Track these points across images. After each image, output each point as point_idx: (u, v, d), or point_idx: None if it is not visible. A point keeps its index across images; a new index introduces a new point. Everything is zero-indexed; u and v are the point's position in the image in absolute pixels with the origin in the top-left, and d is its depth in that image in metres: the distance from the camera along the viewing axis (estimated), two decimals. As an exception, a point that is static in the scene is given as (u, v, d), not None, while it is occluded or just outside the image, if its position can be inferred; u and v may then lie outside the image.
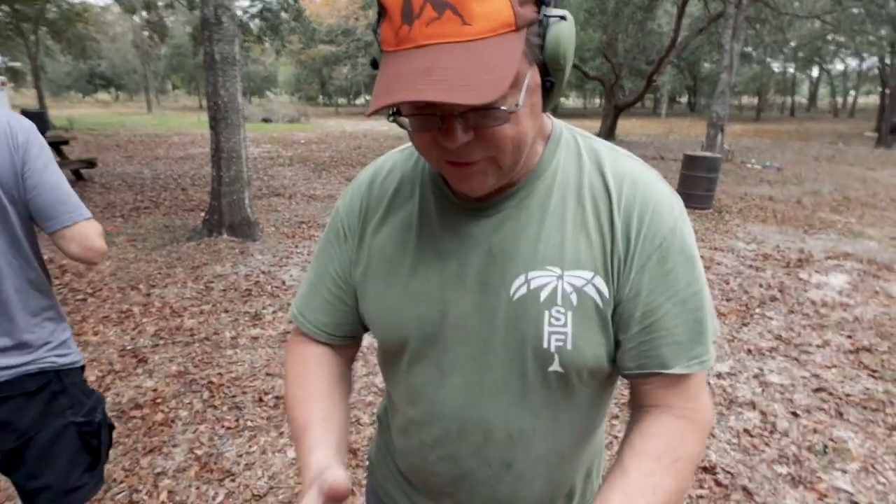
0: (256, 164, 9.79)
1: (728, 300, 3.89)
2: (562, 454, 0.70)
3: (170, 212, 6.17)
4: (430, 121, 0.51)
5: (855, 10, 10.89)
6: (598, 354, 0.62)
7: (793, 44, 21.63)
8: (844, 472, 2.16)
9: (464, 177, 0.56)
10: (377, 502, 0.90)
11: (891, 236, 5.84)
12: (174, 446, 2.17)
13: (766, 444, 2.30)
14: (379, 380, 2.69)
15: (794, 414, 2.53)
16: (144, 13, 19.61)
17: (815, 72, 36.50)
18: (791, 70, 33.63)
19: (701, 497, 2.00)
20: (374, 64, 0.53)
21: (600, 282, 0.60)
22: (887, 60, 17.03)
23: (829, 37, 19.84)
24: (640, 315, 0.60)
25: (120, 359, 2.83)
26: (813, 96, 43.67)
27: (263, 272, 4.18)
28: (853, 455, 2.26)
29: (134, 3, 16.57)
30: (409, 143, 0.73)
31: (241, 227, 5.04)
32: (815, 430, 2.41)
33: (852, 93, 38.39)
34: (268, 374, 2.70)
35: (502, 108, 0.49)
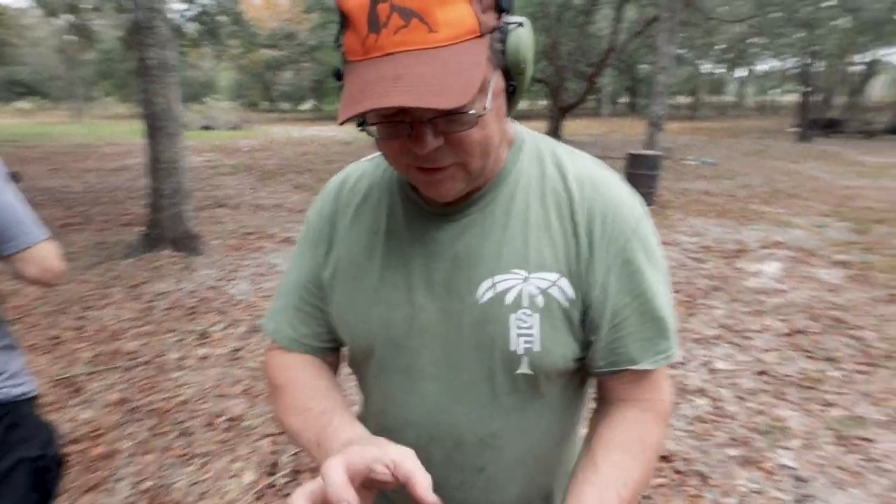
0: (198, 173, 9.39)
1: (676, 292, 4.04)
2: (536, 456, 0.71)
3: (104, 227, 5.82)
4: (399, 128, 0.52)
5: (774, 15, 11.66)
6: (565, 355, 0.63)
7: (720, 46, 22.91)
8: (788, 449, 2.29)
9: (434, 182, 0.56)
10: None
11: (815, 224, 6.26)
12: (117, 481, 2.03)
13: (717, 429, 2.40)
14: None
15: (741, 397, 2.65)
16: (69, 16, 18.48)
17: (741, 72, 38.82)
18: (720, 71, 35.60)
19: (661, 486, 2.05)
20: (338, 75, 0.54)
21: (565, 283, 0.62)
22: (806, 60, 18.35)
23: (753, 39, 21.15)
24: (610, 315, 0.62)
25: (52, 389, 2.63)
26: (740, 95, 46.42)
27: (210, 287, 4.00)
28: (794, 432, 2.39)
29: (55, 5, 15.56)
30: (378, 153, 0.73)
31: (184, 240, 4.81)
32: (759, 412, 2.53)
33: (774, 91, 41.07)
34: (219, 396, 2.58)
35: (470, 112, 0.50)
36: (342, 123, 0.50)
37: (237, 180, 9.03)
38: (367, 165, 0.73)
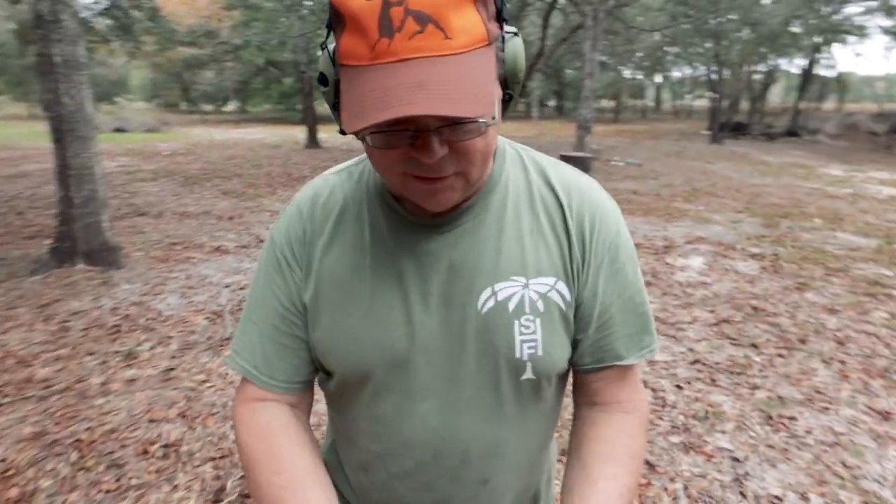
0: (113, 179, 8.72)
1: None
2: (531, 460, 0.72)
3: (3, 241, 5.26)
4: (401, 136, 0.50)
5: (686, 26, 12.52)
6: (563, 357, 0.65)
7: (639, 54, 24.28)
8: (723, 432, 2.43)
9: (433, 192, 0.54)
10: None
11: (731, 220, 6.75)
12: (37, 523, 1.83)
13: (660, 418, 2.52)
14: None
15: (679, 387, 2.79)
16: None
17: (658, 78, 41.40)
18: (639, 76, 37.77)
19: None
20: (324, 80, 0.51)
21: (562, 286, 0.63)
22: (714, 68, 19.85)
23: (668, 48, 22.60)
24: (598, 314, 0.64)
25: (-49, 426, 2.33)
26: (658, 100, 49.47)
27: (134, 304, 3.71)
28: (728, 416, 2.55)
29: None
30: (343, 165, 0.70)
31: (101, 253, 4.44)
32: (696, 399, 2.68)
33: (688, 96, 44.11)
34: (151, 421, 2.38)
35: (480, 120, 0.49)
36: (358, 133, 0.47)
37: (158, 186, 8.47)
38: (335, 179, 0.69)
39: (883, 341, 3.37)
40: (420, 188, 0.54)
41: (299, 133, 18.65)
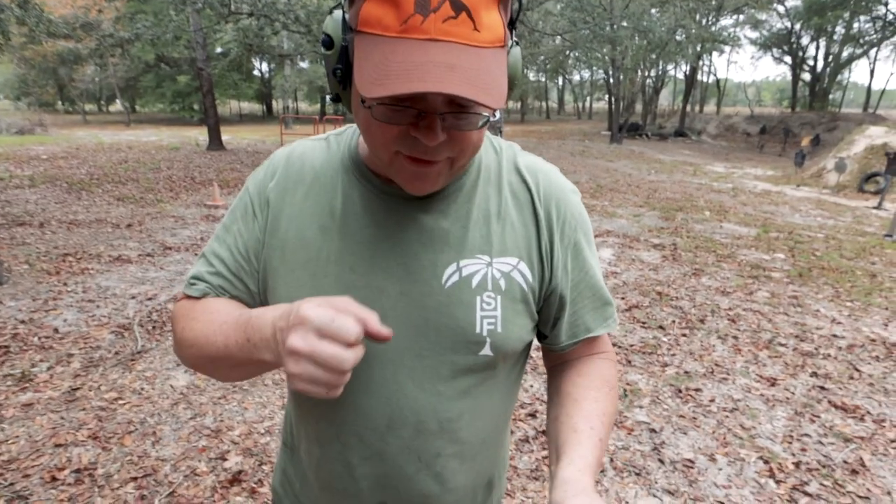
0: (-18, 186, 7.71)
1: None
2: (485, 441, 0.73)
3: None
4: (406, 115, 0.51)
5: (584, 31, 13.32)
6: (522, 337, 0.67)
7: (542, 57, 25.47)
8: (641, 407, 2.65)
9: (420, 175, 0.56)
10: None
11: (634, 214, 7.30)
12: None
13: (585, 399, 2.68)
14: (209, 420, 2.37)
15: (599, 369, 2.99)
16: None
17: (560, 81, 43.61)
18: (543, 79, 39.60)
19: (545, 457, 2.23)
20: (329, 43, 0.52)
21: (524, 267, 0.65)
22: (610, 72, 21.33)
23: (568, 52, 23.92)
24: (570, 294, 0.68)
25: None
26: (561, 101, 52.14)
27: (22, 321, 3.31)
28: (643, 392, 2.78)
29: None
30: (324, 134, 0.71)
31: (-23, 267, 3.91)
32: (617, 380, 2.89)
33: (588, 98, 46.96)
34: (58, 446, 2.16)
35: (485, 113, 0.52)
36: (379, 100, 0.48)
37: (38, 194, 7.59)
38: (315, 144, 0.70)
39: (766, 317, 3.82)
40: (409, 169, 0.56)
41: (199, 134, 17.48)
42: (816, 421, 2.58)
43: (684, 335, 3.48)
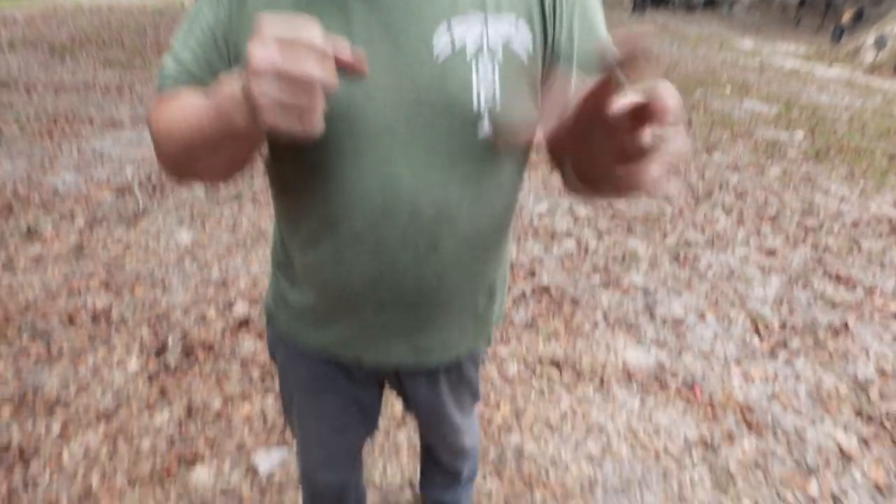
0: (-41, 47, 7.28)
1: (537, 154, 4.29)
2: (485, 237, 0.71)
3: None
4: None
5: None
6: (523, 114, 0.62)
7: None
8: (638, 270, 2.70)
9: None
10: (284, 350, 0.85)
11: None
12: (-39, 395, 1.73)
13: (583, 263, 2.73)
14: (215, 274, 2.43)
15: (600, 236, 3.01)
16: None
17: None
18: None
19: (541, 315, 2.32)
20: None
21: (524, 28, 0.60)
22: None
23: None
24: (577, 59, 0.63)
25: None
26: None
27: (20, 181, 3.29)
28: (641, 257, 2.82)
29: None
30: None
31: (-33, 127, 3.80)
32: (615, 245, 2.92)
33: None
34: (72, 292, 2.24)
35: None
36: None
37: (18, 57, 7.16)
38: None
39: (775, 194, 3.76)
40: None
41: (187, -4, 16.20)
42: (808, 287, 2.63)
43: (689, 208, 3.45)
